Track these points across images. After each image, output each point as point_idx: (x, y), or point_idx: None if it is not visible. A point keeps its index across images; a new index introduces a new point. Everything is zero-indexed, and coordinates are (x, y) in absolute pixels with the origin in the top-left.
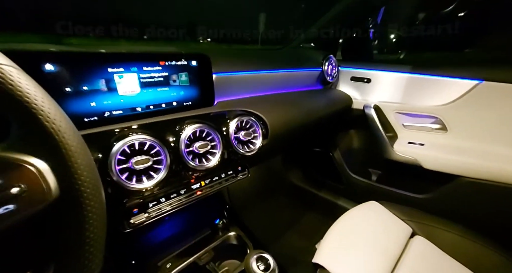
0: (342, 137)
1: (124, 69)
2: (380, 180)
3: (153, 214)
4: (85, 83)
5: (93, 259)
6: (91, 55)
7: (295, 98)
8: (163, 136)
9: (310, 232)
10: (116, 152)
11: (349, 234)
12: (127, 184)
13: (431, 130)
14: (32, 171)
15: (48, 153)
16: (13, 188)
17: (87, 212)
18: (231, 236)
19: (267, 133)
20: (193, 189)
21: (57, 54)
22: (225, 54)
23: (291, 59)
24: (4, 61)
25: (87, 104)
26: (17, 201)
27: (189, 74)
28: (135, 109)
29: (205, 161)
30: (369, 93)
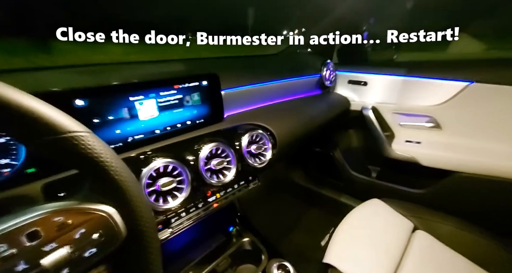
0: (341, 137)
1: (144, 96)
2: (379, 177)
3: (176, 229)
4: (110, 113)
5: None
6: (115, 88)
7: (298, 106)
8: (183, 157)
9: (315, 229)
10: (144, 177)
11: (356, 233)
12: (156, 205)
13: (427, 128)
14: (106, 217)
15: (116, 200)
16: (94, 234)
17: (148, 248)
18: (245, 242)
19: (275, 144)
20: (210, 201)
21: (86, 90)
22: (228, 67)
23: (291, 67)
24: (82, 129)
25: (112, 132)
26: (97, 245)
27: (201, 94)
28: (154, 132)
29: (222, 176)
30: (366, 95)
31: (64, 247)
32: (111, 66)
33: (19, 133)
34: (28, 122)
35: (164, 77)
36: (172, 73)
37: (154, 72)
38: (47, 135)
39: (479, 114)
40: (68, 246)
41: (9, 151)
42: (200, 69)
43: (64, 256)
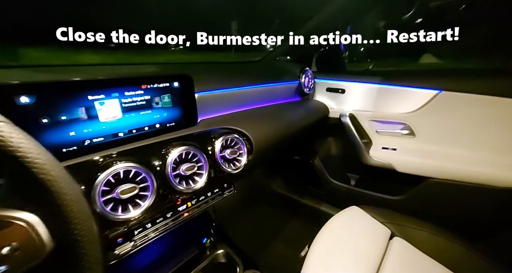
0: (321, 144)
1: (105, 96)
2: (358, 184)
3: (139, 242)
4: (63, 113)
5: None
6: (70, 84)
7: (276, 111)
8: (148, 162)
9: (295, 239)
10: (99, 183)
11: (334, 242)
12: (112, 215)
13: (401, 135)
14: (23, 226)
15: (41, 206)
16: (4, 248)
17: (84, 262)
18: (219, 254)
19: (252, 149)
20: (180, 211)
21: (33, 85)
22: (205, 71)
23: (270, 73)
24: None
25: (65, 134)
26: (9, 261)
27: (172, 96)
28: (117, 135)
29: (192, 183)
30: (344, 102)
31: None
32: (77, 67)
33: None
34: None
35: (130, 76)
36: (141, 74)
37: (122, 73)
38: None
39: (449, 121)
40: None
41: None
42: (176, 72)
43: None
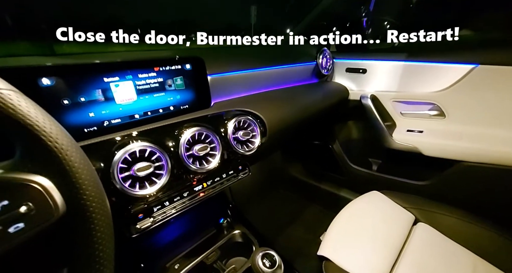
0: (340, 128)
1: (119, 78)
2: (380, 170)
3: (158, 218)
4: (82, 94)
5: (104, 270)
6: (86, 67)
7: (291, 94)
8: (162, 142)
9: (314, 224)
10: (117, 161)
11: (352, 225)
12: (131, 191)
13: (429, 116)
14: (38, 189)
15: (53, 171)
16: (21, 207)
17: (94, 225)
18: (236, 234)
19: (265, 131)
20: (196, 191)
21: (53, 68)
22: (218, 54)
23: (285, 55)
24: (2, 86)
25: (85, 115)
26: (26, 220)
27: (184, 78)
28: (133, 117)
29: (205, 163)
30: (365, 83)
31: None
32: (98, 54)
33: None
34: None
35: (142, 58)
36: (153, 57)
37: (136, 57)
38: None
39: (486, 99)
40: None
41: None
42: None
43: None
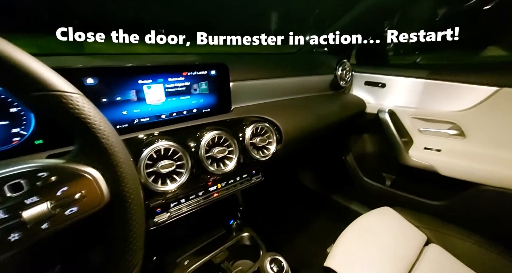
0: (355, 141)
1: (152, 81)
2: (394, 185)
3: (174, 214)
4: (118, 94)
5: (135, 254)
6: (125, 69)
7: (308, 103)
8: (185, 142)
9: (322, 235)
10: (145, 157)
11: (362, 239)
12: (154, 186)
13: (449, 136)
14: (90, 179)
15: (102, 164)
16: (76, 194)
17: (131, 214)
18: (244, 237)
19: (281, 139)
20: (210, 191)
21: (97, 69)
22: (242, 61)
23: (305, 65)
24: (72, 90)
25: (119, 113)
26: (79, 205)
27: (209, 83)
28: (160, 117)
29: (222, 165)
30: (383, 97)
31: (45, 202)
32: (130, 56)
33: (10, 84)
34: (19, 75)
35: (174, 63)
36: (182, 62)
37: (166, 61)
38: (36, 91)
39: (509, 123)
40: (49, 201)
41: (20, 121)
42: (214, 61)
43: (45, 211)
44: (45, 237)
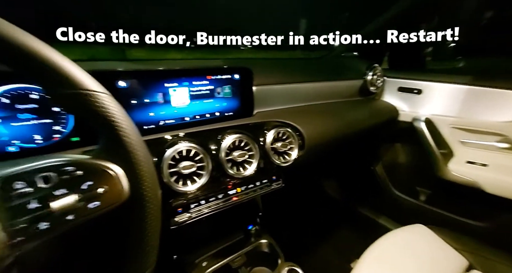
0: (385, 150)
1: (177, 84)
2: (429, 201)
3: (194, 214)
4: (146, 96)
5: (150, 252)
6: (153, 72)
7: (334, 109)
8: (206, 144)
9: (345, 248)
10: (168, 158)
11: (390, 258)
12: (175, 186)
13: (497, 149)
14: (113, 175)
15: (124, 162)
16: (100, 188)
17: (147, 213)
18: (263, 243)
19: (303, 145)
20: (230, 194)
21: (128, 72)
22: (266, 66)
23: (332, 70)
24: (100, 89)
25: (147, 114)
26: (101, 199)
27: (232, 87)
28: (184, 119)
29: (242, 169)
30: (419, 105)
31: (72, 195)
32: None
33: (42, 81)
34: (51, 73)
35: (198, 67)
36: (207, 66)
37: (191, 65)
38: (67, 88)
39: None
40: (76, 194)
41: (61, 120)
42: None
43: (71, 203)
44: (69, 229)
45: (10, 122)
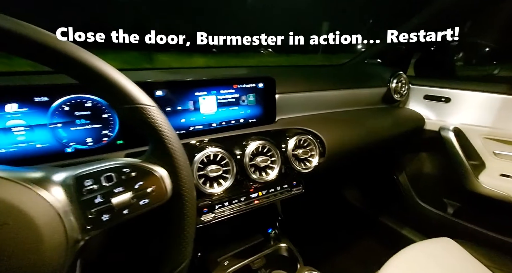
0: (410, 160)
1: (206, 92)
2: (457, 214)
3: (218, 215)
4: (179, 104)
5: (187, 246)
6: (186, 83)
7: (357, 117)
8: (231, 150)
9: (366, 257)
10: (197, 161)
11: (414, 270)
12: (203, 188)
13: None
14: (159, 177)
15: (168, 165)
16: (149, 188)
17: (186, 210)
18: (282, 247)
19: (324, 152)
20: (252, 198)
21: (165, 83)
22: (289, 74)
23: (354, 78)
24: (151, 103)
25: (179, 120)
26: (150, 197)
27: (256, 95)
28: (211, 125)
29: (264, 174)
30: (447, 113)
31: (128, 192)
32: (190, 69)
33: (112, 99)
34: (116, 91)
35: (226, 77)
36: (233, 76)
37: (220, 74)
38: (127, 104)
39: None
40: (130, 192)
41: (109, 125)
42: (263, 74)
43: (127, 199)
44: (124, 222)
45: (69, 127)
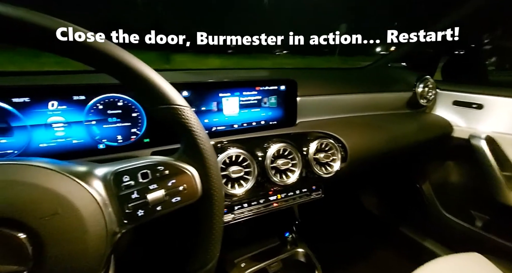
0: (435, 168)
1: (230, 94)
2: (486, 228)
3: (237, 216)
4: (203, 105)
5: (216, 245)
6: (211, 84)
7: (380, 122)
8: (253, 151)
9: (386, 269)
10: (220, 161)
11: None
12: (225, 188)
13: None
14: (189, 175)
15: (199, 165)
16: (180, 186)
17: (215, 210)
18: (299, 252)
19: (346, 157)
20: (271, 200)
21: (190, 84)
22: (310, 76)
23: (377, 81)
24: (185, 104)
25: (202, 121)
26: (181, 195)
27: (278, 97)
28: (233, 126)
29: (285, 177)
30: (479, 121)
31: (161, 189)
32: (211, 71)
33: (148, 99)
34: (154, 92)
35: (249, 79)
36: (256, 78)
37: (241, 76)
38: (163, 104)
39: None
40: (163, 189)
41: (137, 123)
42: (283, 76)
43: (161, 196)
44: (157, 217)
45: (102, 124)
